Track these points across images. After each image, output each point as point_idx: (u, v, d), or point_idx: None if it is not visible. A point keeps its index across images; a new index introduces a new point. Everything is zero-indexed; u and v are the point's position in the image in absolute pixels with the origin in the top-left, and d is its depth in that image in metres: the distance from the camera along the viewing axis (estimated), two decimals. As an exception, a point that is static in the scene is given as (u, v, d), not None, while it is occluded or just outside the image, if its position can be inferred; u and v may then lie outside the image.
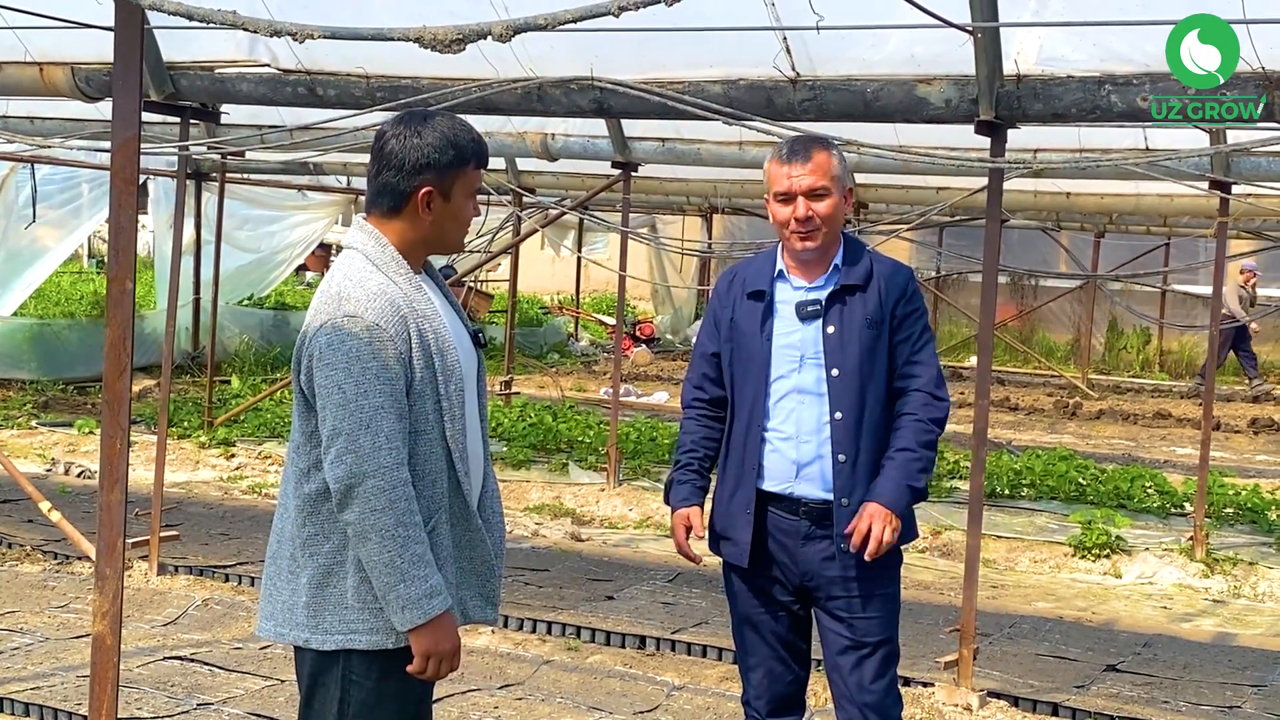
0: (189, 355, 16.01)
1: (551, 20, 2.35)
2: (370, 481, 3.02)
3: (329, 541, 3.15)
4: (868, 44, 6.40)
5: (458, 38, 2.37)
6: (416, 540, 3.06)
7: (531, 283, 23.55)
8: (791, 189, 3.96)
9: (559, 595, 7.59)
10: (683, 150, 10.04)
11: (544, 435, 12.44)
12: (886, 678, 4.06)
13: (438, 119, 3.23)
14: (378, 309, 3.09)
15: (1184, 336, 23.17)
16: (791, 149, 4.01)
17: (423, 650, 3.11)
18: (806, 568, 4.03)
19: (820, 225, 3.97)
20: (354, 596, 3.13)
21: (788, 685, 4.19)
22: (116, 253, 3.34)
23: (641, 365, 20.49)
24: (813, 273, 4.06)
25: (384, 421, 3.05)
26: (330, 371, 3.06)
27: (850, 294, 4.01)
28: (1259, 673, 6.74)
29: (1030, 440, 14.64)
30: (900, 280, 4.06)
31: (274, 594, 3.25)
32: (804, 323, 4.01)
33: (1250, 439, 15.90)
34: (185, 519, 8.89)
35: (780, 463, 4.02)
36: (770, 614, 4.13)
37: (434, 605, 3.07)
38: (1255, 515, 10.30)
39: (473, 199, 3.30)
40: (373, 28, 2.61)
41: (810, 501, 4.00)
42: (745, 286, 4.11)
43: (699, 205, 19.02)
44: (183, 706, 5.60)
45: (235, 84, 7.57)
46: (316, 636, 3.16)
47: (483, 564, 3.30)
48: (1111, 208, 13.79)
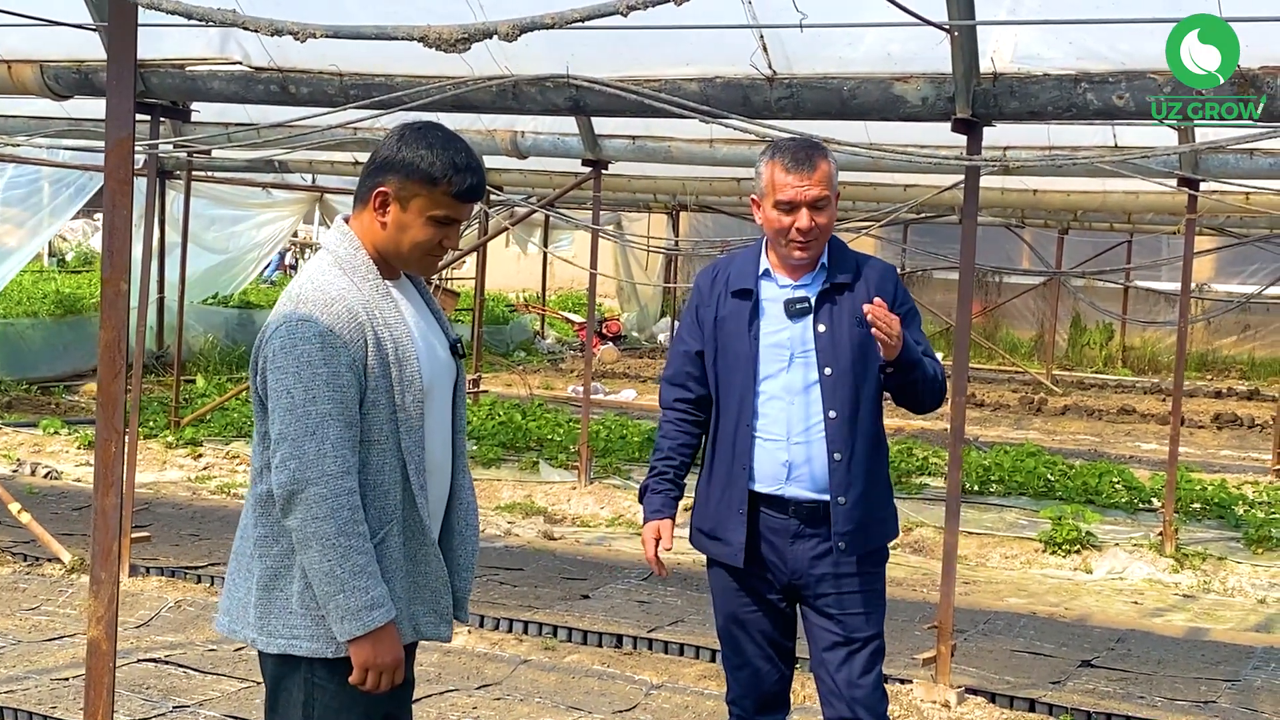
0: (154, 355, 15.90)
1: (559, 19, 2.32)
2: (313, 489, 2.99)
3: (278, 544, 3.12)
4: (844, 42, 6.40)
5: (463, 37, 2.34)
6: (359, 550, 3.02)
7: (497, 280, 23.49)
8: (796, 199, 3.93)
9: (534, 594, 7.57)
10: (653, 148, 10.02)
11: (514, 434, 12.41)
12: (874, 673, 4.08)
13: (437, 134, 3.13)
14: (333, 315, 3.05)
15: (1146, 332, 23.33)
16: (795, 157, 3.96)
17: (361, 662, 3.07)
18: (796, 566, 4.03)
19: (819, 235, 3.97)
20: (299, 602, 3.09)
21: (774, 684, 4.19)
22: (111, 254, 3.29)
23: (608, 363, 20.47)
24: (798, 271, 4.06)
25: (331, 429, 3.01)
26: (281, 375, 3.03)
27: (840, 293, 4.01)
28: (1232, 667, 6.78)
29: (996, 436, 14.71)
30: (888, 279, 4.08)
31: (232, 589, 3.24)
32: (792, 320, 4.00)
33: (1214, 434, 16.04)
34: (155, 520, 8.82)
35: (770, 464, 4.01)
36: (758, 613, 4.12)
37: (374, 617, 3.03)
38: (1223, 510, 10.38)
39: (435, 225, 3.16)
40: (374, 26, 2.58)
41: (801, 502, 4.01)
42: (729, 284, 4.10)
43: (665, 203, 19.00)
44: (159, 709, 5.56)
45: (207, 82, 7.52)
46: (262, 638, 3.14)
47: (437, 579, 3.24)
48: (1078, 205, 13.84)
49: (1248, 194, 11.20)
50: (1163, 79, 5.58)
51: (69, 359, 15.31)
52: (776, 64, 6.40)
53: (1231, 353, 23.20)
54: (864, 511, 4.01)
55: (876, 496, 4.07)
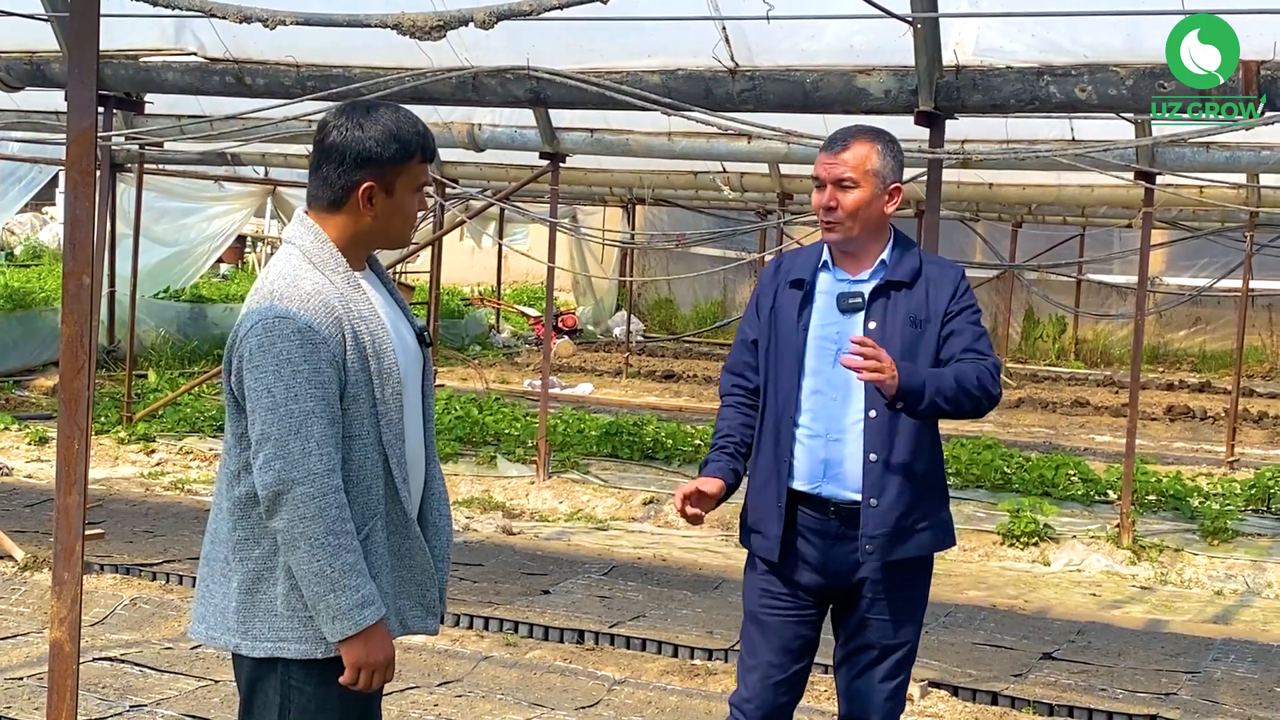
0: (105, 349, 15.72)
1: (537, 6, 2.28)
2: (299, 489, 2.94)
3: (259, 546, 3.07)
4: (807, 34, 6.39)
5: (438, 24, 2.29)
6: (348, 549, 2.98)
7: (451, 274, 23.36)
8: (823, 176, 3.89)
9: (494, 590, 7.52)
10: (611, 141, 10.00)
11: (470, 428, 12.34)
12: (896, 680, 3.98)
13: (382, 110, 3.13)
14: (311, 310, 3.00)
15: (1099, 325, 23.48)
16: (833, 138, 3.92)
17: (354, 661, 3.03)
18: (834, 568, 3.92)
19: (844, 217, 3.88)
20: (284, 604, 3.05)
21: (782, 694, 4.04)
22: (73, 246, 3.21)
23: (564, 357, 20.40)
24: (859, 265, 3.96)
25: (314, 427, 2.96)
26: (260, 374, 2.97)
27: (896, 290, 3.90)
28: (1191, 659, 6.81)
29: (952, 429, 14.70)
30: (950, 279, 3.95)
31: (207, 596, 3.17)
32: (844, 315, 3.90)
33: (1166, 426, 16.15)
34: (108, 516, 8.72)
35: (809, 461, 3.91)
36: (781, 617, 4.00)
37: (365, 616, 3.00)
38: (1178, 502, 10.44)
39: (418, 194, 3.19)
40: (346, 14, 2.52)
41: (839, 502, 3.89)
42: (789, 275, 4.00)
43: (622, 196, 18.96)
44: (115, 709, 5.48)
45: (161, 73, 7.43)
46: (246, 642, 3.08)
47: (422, 572, 3.22)
48: (1033, 198, 13.92)
49: (1202, 188, 11.29)
50: (1125, 72, 5.59)
51: (19, 354, 15.12)
52: (739, 56, 6.38)
53: (1183, 345, 23.38)
54: (900, 516, 3.86)
55: (917, 502, 3.90)
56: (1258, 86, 5.28)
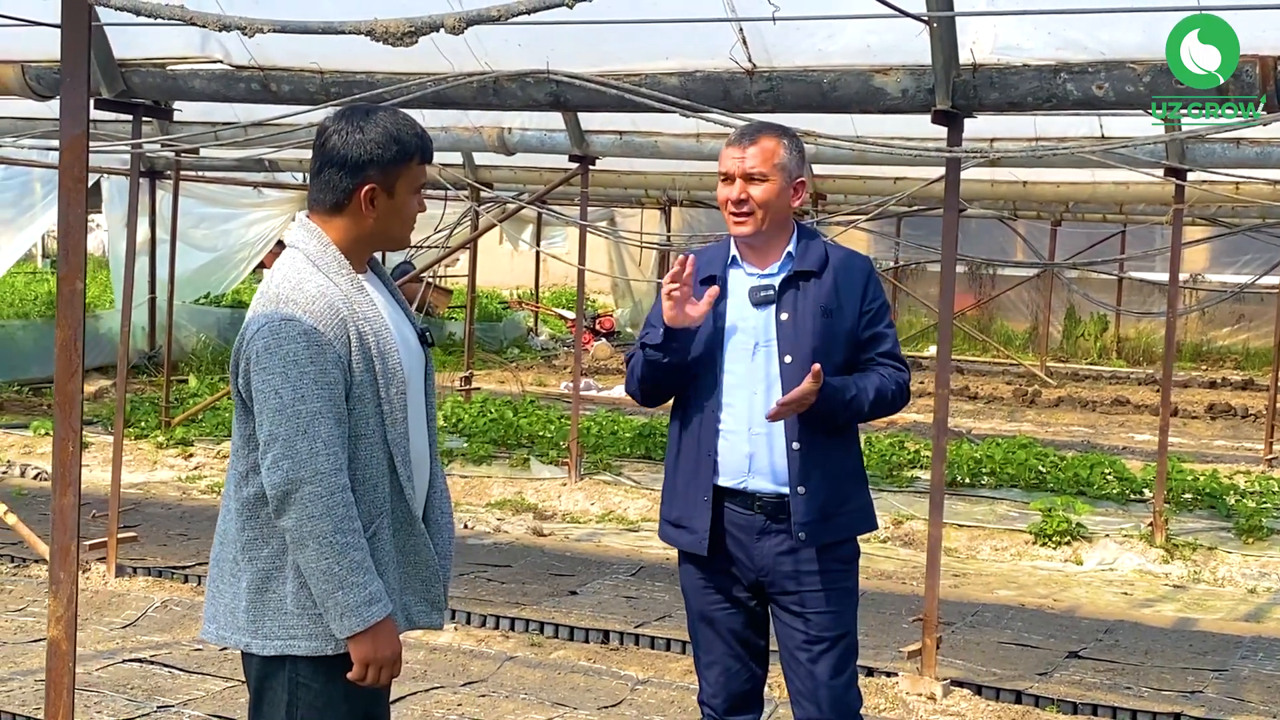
0: (145, 355, 15.88)
1: (505, 11, 2.31)
2: (307, 488, 2.99)
3: (268, 546, 3.12)
4: (824, 35, 6.39)
5: (409, 30, 2.33)
6: (355, 547, 3.03)
7: (490, 277, 23.46)
8: (731, 170, 3.95)
9: (521, 591, 7.56)
10: (640, 143, 10.02)
11: (505, 430, 12.39)
12: (846, 673, 4.02)
13: (380, 114, 3.18)
14: (316, 312, 3.05)
15: (1140, 323, 23.30)
16: (740, 132, 4.00)
17: (362, 658, 3.08)
18: (762, 563, 3.97)
19: (754, 210, 3.93)
20: (293, 602, 3.10)
21: (744, 683, 4.11)
22: (66, 252, 3.28)
23: (601, 359, 20.44)
24: (766, 259, 4.02)
25: (322, 427, 3.01)
26: (267, 376, 3.02)
27: (804, 280, 3.97)
28: (1220, 657, 6.78)
29: (990, 429, 14.70)
30: (860, 270, 4.03)
31: (217, 596, 3.22)
32: (757, 309, 3.96)
33: (1207, 424, 16.03)
34: (143, 520, 8.82)
35: (733, 456, 3.96)
36: (726, 610, 4.06)
37: (373, 612, 3.05)
38: (1214, 500, 10.36)
39: (418, 195, 3.24)
40: (321, 21, 2.57)
41: (764, 495, 3.95)
42: (699, 273, 4.04)
43: (657, 198, 18.98)
44: (143, 709, 5.55)
45: (187, 80, 7.51)
46: (257, 641, 3.13)
47: (427, 569, 3.26)
48: (1068, 196, 13.83)
49: (1237, 184, 11.20)
50: (1142, 69, 5.57)
51: (59, 360, 15.28)
52: (756, 57, 6.39)
53: (1226, 343, 23.18)
54: (826, 501, 3.93)
55: (842, 487, 3.99)
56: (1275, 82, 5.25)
